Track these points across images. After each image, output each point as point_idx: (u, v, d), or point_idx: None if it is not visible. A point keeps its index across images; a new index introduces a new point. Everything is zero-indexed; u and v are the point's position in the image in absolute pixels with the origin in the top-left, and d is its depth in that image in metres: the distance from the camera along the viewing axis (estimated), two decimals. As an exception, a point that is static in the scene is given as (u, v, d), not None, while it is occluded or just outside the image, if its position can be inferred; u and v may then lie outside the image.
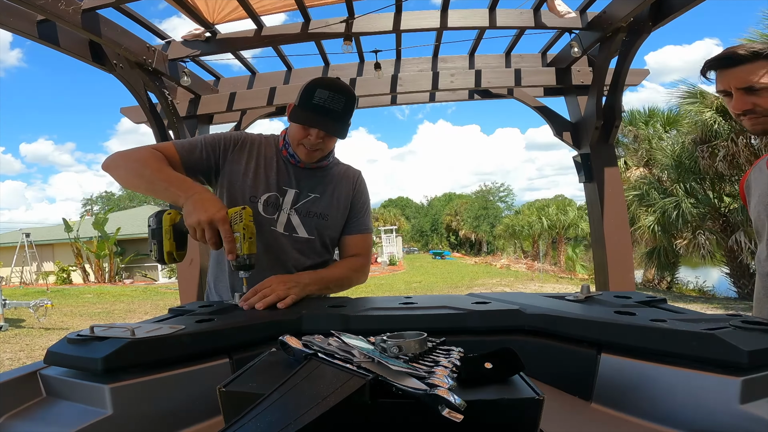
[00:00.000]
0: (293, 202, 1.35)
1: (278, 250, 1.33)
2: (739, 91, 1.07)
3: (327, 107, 1.23)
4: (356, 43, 3.55)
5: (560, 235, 23.56)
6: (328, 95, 1.23)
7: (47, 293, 12.20)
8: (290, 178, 1.37)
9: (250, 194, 1.33)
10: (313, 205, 1.36)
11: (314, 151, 1.30)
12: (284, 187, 1.35)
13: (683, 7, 2.66)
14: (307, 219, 1.35)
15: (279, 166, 1.37)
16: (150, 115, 3.40)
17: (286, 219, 1.34)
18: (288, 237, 1.34)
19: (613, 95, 3.40)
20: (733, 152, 9.24)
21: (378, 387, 0.47)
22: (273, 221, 1.33)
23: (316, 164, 1.38)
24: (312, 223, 1.35)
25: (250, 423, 0.44)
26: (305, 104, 1.24)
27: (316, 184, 1.38)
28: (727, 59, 1.07)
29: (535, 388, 0.50)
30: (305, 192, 1.37)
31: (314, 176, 1.39)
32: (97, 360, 0.64)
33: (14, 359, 5.84)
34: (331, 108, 1.23)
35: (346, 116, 1.28)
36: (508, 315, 0.87)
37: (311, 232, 1.36)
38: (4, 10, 2.34)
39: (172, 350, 0.72)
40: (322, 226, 1.37)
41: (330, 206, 1.38)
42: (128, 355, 0.67)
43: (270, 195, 1.34)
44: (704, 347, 0.61)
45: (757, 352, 0.57)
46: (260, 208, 1.32)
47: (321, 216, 1.37)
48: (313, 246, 1.37)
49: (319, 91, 1.23)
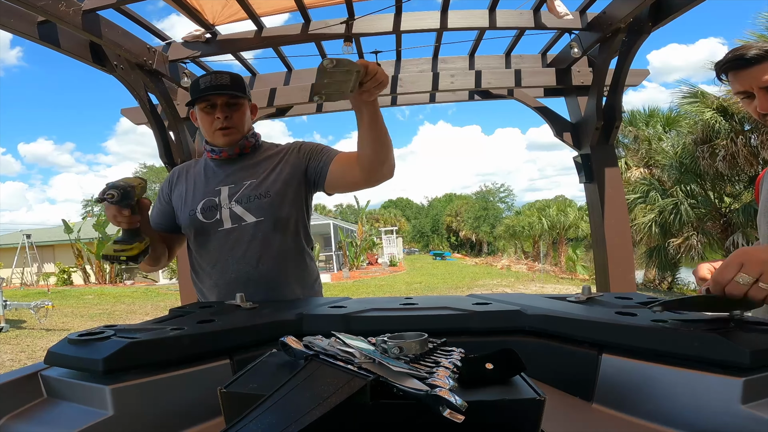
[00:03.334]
0: (230, 196, 1.36)
1: (231, 246, 1.34)
2: (762, 90, 1.05)
3: (215, 84, 1.33)
4: (356, 44, 3.56)
5: (561, 236, 23.56)
6: (211, 77, 1.34)
7: (48, 294, 12.20)
8: (221, 177, 1.40)
9: (189, 210, 1.38)
10: (252, 190, 1.35)
11: (229, 129, 1.35)
12: (216, 188, 1.38)
13: (683, 7, 2.66)
14: (249, 204, 1.34)
15: (207, 173, 1.42)
16: (150, 116, 3.40)
17: (229, 213, 1.35)
18: (237, 228, 1.34)
19: (613, 96, 3.40)
20: (732, 152, 9.24)
21: (379, 388, 0.47)
22: (217, 222, 1.35)
23: (240, 149, 1.39)
24: (255, 206, 1.34)
25: (251, 424, 0.44)
26: (195, 92, 1.34)
27: (248, 172, 1.39)
28: (741, 60, 1.06)
29: (536, 389, 0.50)
30: (239, 183, 1.37)
31: (245, 166, 1.40)
32: (98, 361, 0.64)
33: (15, 360, 5.85)
34: (218, 83, 1.33)
35: (236, 85, 1.35)
36: (509, 316, 0.87)
37: (258, 214, 1.34)
38: (4, 11, 2.35)
39: (173, 351, 0.72)
40: (266, 204, 1.34)
41: (268, 183, 1.36)
42: (129, 356, 0.67)
43: (205, 201, 1.37)
44: (706, 348, 0.61)
45: (758, 353, 0.57)
46: (200, 217, 1.36)
47: (263, 195, 1.34)
48: (264, 227, 1.34)
49: (201, 79, 1.35)
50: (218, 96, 1.33)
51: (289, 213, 1.37)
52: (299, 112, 4.55)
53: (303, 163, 1.39)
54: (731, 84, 1.11)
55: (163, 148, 3.55)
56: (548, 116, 3.95)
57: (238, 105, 1.37)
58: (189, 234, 1.41)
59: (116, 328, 0.77)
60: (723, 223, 10.39)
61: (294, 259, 1.39)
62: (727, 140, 9.34)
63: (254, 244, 1.33)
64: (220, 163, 1.42)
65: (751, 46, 1.05)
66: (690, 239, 10.33)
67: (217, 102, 1.34)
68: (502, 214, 40.29)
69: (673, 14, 2.74)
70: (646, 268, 13.58)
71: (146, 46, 3.13)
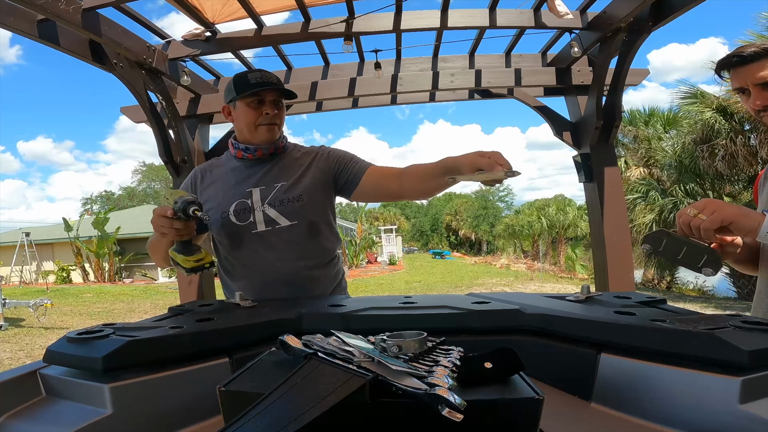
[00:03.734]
0: (262, 198, 1.36)
1: (266, 249, 1.35)
2: (757, 87, 1.08)
3: (265, 81, 1.35)
4: (356, 42, 3.55)
5: (560, 235, 23.57)
6: (260, 73, 1.37)
7: (47, 292, 12.20)
8: (250, 179, 1.40)
9: (221, 212, 1.37)
10: (284, 193, 1.37)
11: (272, 126, 1.37)
12: (248, 190, 1.38)
13: (683, 6, 2.66)
14: (283, 207, 1.35)
15: (238, 173, 1.42)
16: (150, 115, 3.39)
17: (263, 217, 1.35)
18: (272, 232, 1.35)
19: (613, 95, 3.40)
20: (732, 151, 9.25)
21: (378, 386, 0.47)
22: (251, 225, 1.35)
23: (274, 148, 1.41)
24: (290, 209, 1.36)
25: (249, 423, 0.44)
26: (245, 87, 1.35)
27: (279, 174, 1.40)
28: (740, 56, 1.09)
29: (535, 388, 0.50)
30: (270, 184, 1.38)
31: (275, 168, 1.41)
32: (97, 359, 0.64)
33: (14, 359, 5.85)
34: (268, 81, 1.36)
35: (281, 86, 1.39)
36: (508, 315, 0.87)
37: (292, 217, 1.36)
38: (4, 9, 2.34)
39: (172, 350, 0.72)
40: (299, 207, 1.36)
41: (301, 186, 1.38)
42: (128, 354, 0.67)
43: (237, 203, 1.37)
44: (704, 347, 0.61)
45: (757, 352, 0.57)
46: (233, 218, 1.36)
47: (296, 199, 1.36)
48: (299, 231, 1.36)
49: (250, 75, 1.36)
50: (269, 92, 1.35)
51: (321, 216, 1.41)
52: (299, 111, 4.55)
53: (333, 169, 1.42)
54: (731, 81, 1.15)
55: (162, 147, 3.55)
56: (548, 115, 3.95)
57: (281, 104, 1.41)
58: (220, 235, 1.40)
59: (115, 327, 0.77)
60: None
61: (325, 261, 1.42)
62: (727, 140, 9.35)
63: (288, 247, 1.35)
64: (250, 163, 1.42)
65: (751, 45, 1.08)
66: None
67: (266, 98, 1.36)
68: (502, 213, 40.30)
69: (673, 14, 2.74)
70: (645, 268, 13.60)
71: (146, 44, 3.12)
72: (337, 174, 1.42)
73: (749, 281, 10.12)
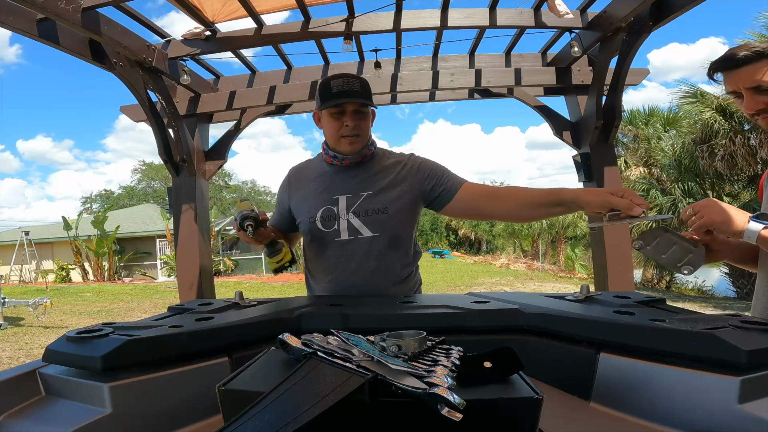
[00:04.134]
0: (347, 206, 1.35)
1: (346, 258, 1.35)
2: (749, 91, 1.06)
3: (346, 90, 1.29)
4: (356, 42, 3.55)
5: (560, 235, 23.56)
6: (342, 81, 1.30)
7: (46, 292, 12.19)
8: (339, 185, 1.38)
9: (309, 217, 1.38)
10: (369, 203, 1.34)
11: (355, 137, 1.33)
12: (335, 197, 1.37)
13: (683, 6, 2.66)
14: (367, 218, 1.33)
15: (326, 179, 1.41)
16: (150, 114, 3.39)
17: (347, 225, 1.34)
18: (353, 241, 1.34)
19: (613, 95, 3.40)
20: (731, 151, 9.25)
21: (377, 386, 0.47)
22: (335, 232, 1.35)
23: (361, 157, 1.38)
24: (373, 220, 1.33)
25: (249, 422, 0.44)
26: (327, 96, 1.31)
27: (366, 183, 1.37)
28: (731, 60, 1.06)
29: (535, 388, 0.50)
30: (357, 193, 1.36)
31: (363, 175, 1.38)
32: (96, 358, 0.64)
33: (13, 358, 5.84)
34: (350, 89, 1.29)
35: (365, 94, 1.33)
36: (508, 314, 0.87)
37: (375, 229, 1.33)
38: (4, 8, 2.34)
39: (172, 348, 0.72)
40: (384, 219, 1.32)
41: (386, 198, 1.34)
42: (128, 353, 0.67)
43: (323, 209, 1.37)
44: (703, 347, 0.61)
45: (756, 352, 0.57)
46: (319, 225, 1.36)
47: (380, 210, 1.33)
48: (379, 243, 1.33)
49: (333, 82, 1.31)
50: (349, 103, 1.30)
51: (404, 230, 1.38)
52: (299, 110, 4.54)
53: (424, 182, 1.37)
54: (724, 84, 1.12)
55: (162, 146, 3.55)
56: (548, 115, 3.94)
57: (365, 113, 1.35)
58: (306, 239, 1.43)
59: (114, 326, 0.77)
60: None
61: (402, 276, 1.39)
62: (726, 140, 9.35)
63: (368, 258, 1.33)
64: (339, 170, 1.40)
65: (744, 47, 1.06)
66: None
67: (347, 109, 1.31)
68: (502, 212, 40.24)
69: (673, 14, 2.74)
70: (644, 267, 13.60)
71: (146, 43, 3.12)
72: (429, 188, 1.36)
73: (748, 281, 10.12)
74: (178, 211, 3.75)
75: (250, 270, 19.08)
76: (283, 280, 15.22)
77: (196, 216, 3.73)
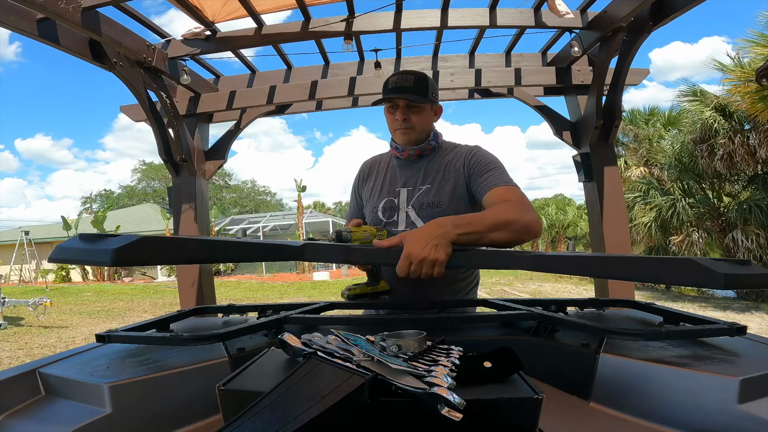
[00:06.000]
0: (407, 199, 1.40)
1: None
2: None
3: (398, 86, 1.36)
4: (356, 41, 3.55)
5: (560, 235, 23.57)
6: (397, 78, 1.38)
7: (46, 291, 12.20)
8: (401, 178, 1.44)
9: (372, 207, 1.45)
10: (425, 196, 1.37)
11: (407, 129, 1.38)
12: (396, 189, 1.43)
13: (684, 6, 2.66)
14: (422, 211, 1.37)
15: (391, 172, 1.48)
16: (150, 114, 3.39)
17: (405, 217, 1.38)
18: None
19: (613, 95, 3.40)
20: (730, 150, 9.25)
21: (377, 386, 0.47)
22: (394, 223, 1.39)
23: (418, 150, 1.42)
24: (427, 214, 1.34)
25: (249, 421, 0.44)
26: (384, 92, 1.40)
27: (426, 176, 1.40)
28: None
29: (534, 388, 0.50)
30: (417, 186, 1.40)
31: (423, 169, 1.41)
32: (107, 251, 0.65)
33: (13, 358, 5.84)
34: (401, 85, 1.36)
35: (419, 88, 1.36)
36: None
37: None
38: (4, 8, 2.34)
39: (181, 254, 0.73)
40: (436, 214, 1.28)
41: (441, 192, 1.36)
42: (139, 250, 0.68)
43: (385, 201, 1.43)
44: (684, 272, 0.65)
45: (731, 276, 0.61)
46: (380, 215, 1.42)
47: (434, 204, 1.35)
48: None
49: (390, 79, 1.40)
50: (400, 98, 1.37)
51: None
52: (299, 110, 4.54)
53: (468, 177, 1.36)
54: None
55: (162, 145, 3.55)
56: (548, 115, 3.94)
57: (419, 107, 1.38)
58: None
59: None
60: (721, 222, 10.39)
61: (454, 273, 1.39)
62: (726, 139, 9.34)
63: None
64: (403, 163, 1.46)
65: None
66: (691, 236, 10.34)
67: (399, 103, 1.37)
68: (502, 212, 40.22)
69: (673, 14, 2.73)
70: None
71: (146, 43, 3.12)
72: (470, 182, 1.35)
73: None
74: (178, 211, 3.75)
75: (250, 270, 19.09)
76: (282, 280, 15.22)
77: (196, 216, 3.73)
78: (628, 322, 0.94)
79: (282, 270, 18.70)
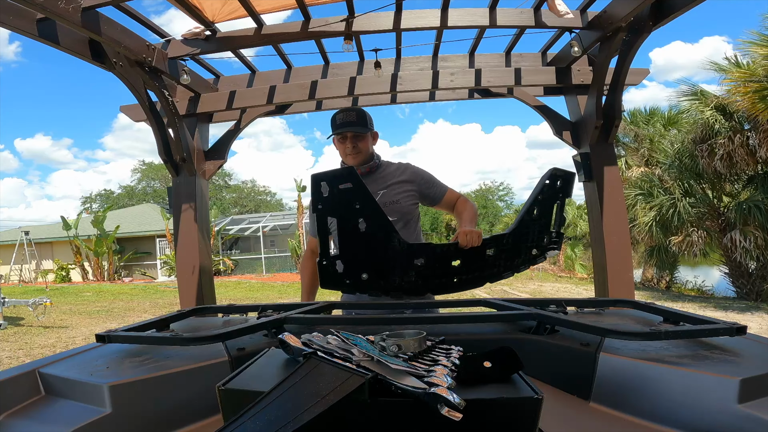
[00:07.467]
0: None
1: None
2: None
3: (345, 122, 1.84)
4: (356, 41, 3.54)
5: (560, 235, 23.53)
6: (343, 115, 1.85)
7: (46, 291, 12.19)
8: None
9: None
10: (384, 198, 1.81)
11: (355, 155, 1.84)
12: None
13: (684, 6, 2.66)
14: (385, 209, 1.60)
15: None
16: (150, 114, 3.39)
17: None
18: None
19: (613, 95, 3.40)
20: (729, 150, 9.24)
21: (377, 385, 0.47)
22: None
23: (368, 167, 1.87)
24: (390, 210, 1.75)
25: (249, 421, 0.44)
26: (333, 127, 1.86)
27: (378, 186, 1.85)
28: None
29: (534, 387, 0.50)
30: (376, 192, 1.77)
31: (374, 181, 1.86)
32: None
33: (13, 358, 5.84)
34: (348, 121, 1.84)
35: (360, 121, 1.85)
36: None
37: (393, 215, 1.76)
38: (4, 8, 2.33)
39: None
40: (397, 209, 1.81)
41: (396, 194, 1.84)
42: None
43: None
44: None
45: None
46: None
47: (394, 202, 1.83)
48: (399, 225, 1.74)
49: (337, 116, 1.86)
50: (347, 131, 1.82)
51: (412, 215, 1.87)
52: (299, 110, 4.54)
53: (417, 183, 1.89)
54: None
55: (162, 145, 3.55)
56: (548, 115, 3.94)
57: (363, 136, 1.85)
58: None
59: None
60: (721, 222, 10.39)
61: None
62: (725, 139, 9.34)
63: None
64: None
65: None
66: (691, 236, 10.34)
67: (348, 135, 1.83)
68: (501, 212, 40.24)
69: (673, 14, 2.73)
70: (645, 267, 13.58)
71: (146, 43, 3.11)
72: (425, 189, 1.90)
73: (748, 281, 10.11)
74: (178, 211, 3.75)
75: (250, 270, 19.09)
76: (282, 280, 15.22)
77: (196, 216, 3.73)
78: (628, 322, 0.94)
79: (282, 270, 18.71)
